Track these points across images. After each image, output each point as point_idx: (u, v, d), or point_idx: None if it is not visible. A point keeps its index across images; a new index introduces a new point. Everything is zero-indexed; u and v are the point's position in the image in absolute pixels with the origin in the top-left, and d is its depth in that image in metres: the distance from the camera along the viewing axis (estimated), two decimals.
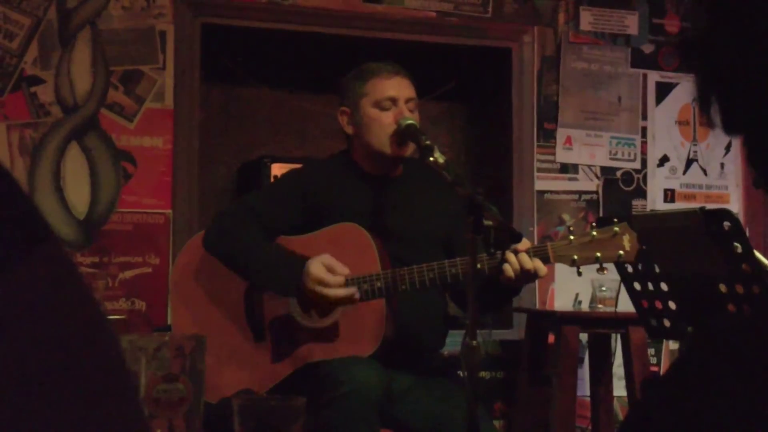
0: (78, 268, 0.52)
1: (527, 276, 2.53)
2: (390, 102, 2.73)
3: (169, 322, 3.89)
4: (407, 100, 2.75)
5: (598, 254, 2.57)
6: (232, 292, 2.73)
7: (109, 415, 0.51)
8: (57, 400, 0.48)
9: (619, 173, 4.69)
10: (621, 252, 2.56)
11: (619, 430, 0.80)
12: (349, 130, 2.81)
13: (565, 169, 4.60)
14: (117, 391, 0.52)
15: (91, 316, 0.52)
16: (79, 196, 3.90)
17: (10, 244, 0.48)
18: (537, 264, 2.53)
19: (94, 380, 0.50)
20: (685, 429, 0.73)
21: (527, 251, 2.53)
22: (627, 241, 2.56)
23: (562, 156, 4.59)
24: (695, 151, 4.83)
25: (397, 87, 2.75)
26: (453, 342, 2.93)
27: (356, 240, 2.66)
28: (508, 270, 2.50)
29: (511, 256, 2.50)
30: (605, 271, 2.66)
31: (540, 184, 4.55)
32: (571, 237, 2.59)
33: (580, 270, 2.61)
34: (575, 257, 2.57)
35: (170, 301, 2.80)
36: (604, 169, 4.66)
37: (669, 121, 4.79)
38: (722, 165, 4.86)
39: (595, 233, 2.59)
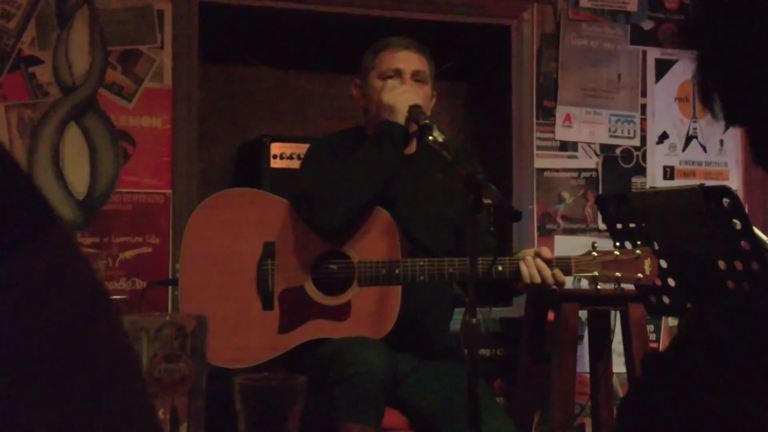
0: (82, 250, 0.53)
1: (544, 283, 2.57)
2: (395, 74, 2.74)
3: (169, 302, 3.90)
4: (414, 73, 2.76)
5: (618, 274, 2.64)
6: (245, 258, 2.72)
7: (114, 398, 0.51)
8: (63, 384, 0.49)
9: (618, 150, 4.68)
10: (640, 275, 2.63)
11: (620, 407, 0.81)
12: (361, 103, 2.84)
13: (565, 146, 4.60)
14: (122, 374, 0.52)
15: (96, 300, 0.52)
16: (78, 177, 3.90)
17: (16, 228, 0.49)
18: (557, 273, 2.58)
19: (100, 364, 0.51)
20: (685, 406, 0.73)
21: (549, 262, 2.57)
22: (647, 266, 2.63)
23: (562, 134, 4.59)
24: (695, 128, 4.82)
25: (404, 59, 2.76)
26: (455, 320, 2.94)
27: (382, 224, 2.67)
28: (525, 274, 2.55)
29: (529, 261, 2.56)
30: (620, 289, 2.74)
31: (539, 162, 4.55)
32: (594, 253, 2.65)
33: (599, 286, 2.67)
34: (596, 273, 2.63)
35: (181, 255, 2.77)
36: (603, 146, 4.66)
37: (668, 98, 4.78)
38: (721, 142, 4.86)
39: (617, 253, 2.65)
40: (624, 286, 2.69)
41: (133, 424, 0.52)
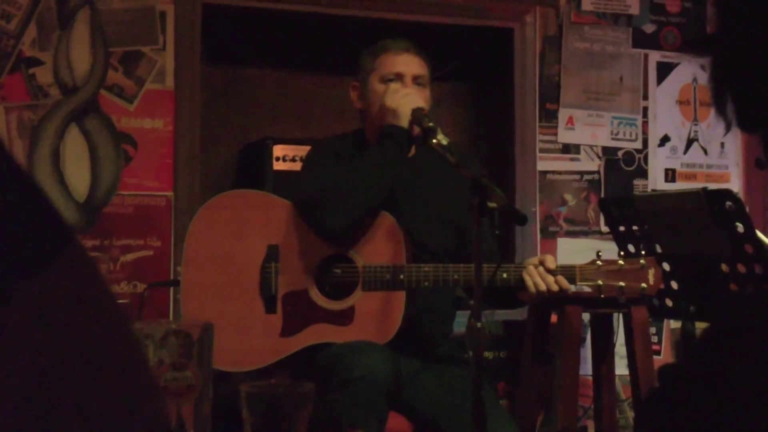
0: (98, 266, 0.52)
1: (548, 291, 2.57)
2: (396, 77, 2.74)
3: (170, 305, 3.89)
4: (415, 77, 2.75)
5: (622, 284, 2.63)
6: (248, 260, 2.71)
7: (134, 418, 0.51)
8: (85, 403, 0.49)
9: (620, 153, 4.68)
10: (644, 285, 2.63)
11: (636, 417, 0.80)
12: (358, 105, 2.84)
13: (567, 149, 4.59)
14: (141, 394, 0.52)
15: (114, 320, 0.52)
16: (79, 179, 3.89)
17: (36, 249, 0.48)
18: (561, 280, 2.58)
19: (119, 384, 0.51)
20: (701, 416, 0.73)
21: (552, 270, 2.58)
22: (651, 275, 2.63)
23: (564, 136, 4.58)
24: (696, 131, 4.82)
25: (405, 63, 2.76)
26: (459, 323, 2.93)
27: (386, 228, 2.66)
28: (530, 284, 2.55)
29: (532, 270, 2.56)
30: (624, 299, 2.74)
31: (542, 165, 4.55)
32: (599, 262, 2.65)
33: (602, 294, 2.67)
34: (600, 283, 2.63)
35: (183, 256, 2.76)
36: (605, 149, 4.65)
37: (670, 100, 4.78)
38: (722, 144, 4.86)
39: (622, 262, 2.65)
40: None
41: None
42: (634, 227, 2.98)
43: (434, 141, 2.46)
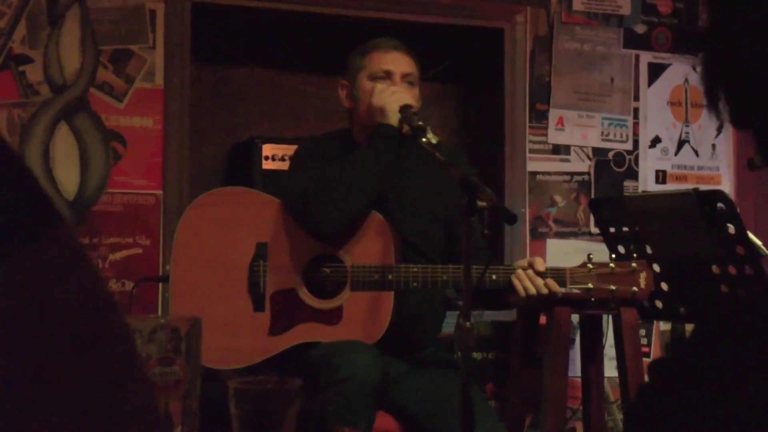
0: (86, 249, 0.52)
1: (538, 295, 2.58)
2: (385, 75, 2.74)
3: (159, 303, 3.88)
4: (404, 75, 2.76)
5: (613, 287, 2.63)
6: (237, 258, 2.71)
7: (121, 400, 0.50)
8: (72, 386, 0.48)
9: (611, 154, 4.68)
10: (635, 289, 2.62)
11: (627, 414, 0.80)
12: (347, 103, 2.84)
13: (557, 150, 4.59)
14: (128, 377, 0.52)
15: (101, 301, 0.51)
16: (68, 177, 3.87)
17: (23, 226, 0.48)
18: (551, 284, 2.58)
19: (106, 366, 0.50)
20: (691, 412, 0.72)
21: (542, 273, 2.58)
22: (643, 279, 2.63)
23: (554, 137, 4.58)
24: (687, 132, 4.83)
25: (394, 61, 2.76)
26: (447, 324, 2.93)
27: (375, 227, 2.66)
28: (519, 287, 2.55)
29: (521, 274, 2.56)
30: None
31: (532, 165, 4.54)
32: (590, 265, 2.65)
33: (594, 299, 2.67)
34: (591, 286, 2.62)
35: (172, 252, 2.75)
36: (596, 150, 4.65)
37: (661, 102, 4.78)
38: (713, 146, 4.86)
39: (613, 266, 2.65)
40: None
41: (141, 425, 0.51)
42: (625, 228, 2.97)
43: (424, 140, 2.46)
